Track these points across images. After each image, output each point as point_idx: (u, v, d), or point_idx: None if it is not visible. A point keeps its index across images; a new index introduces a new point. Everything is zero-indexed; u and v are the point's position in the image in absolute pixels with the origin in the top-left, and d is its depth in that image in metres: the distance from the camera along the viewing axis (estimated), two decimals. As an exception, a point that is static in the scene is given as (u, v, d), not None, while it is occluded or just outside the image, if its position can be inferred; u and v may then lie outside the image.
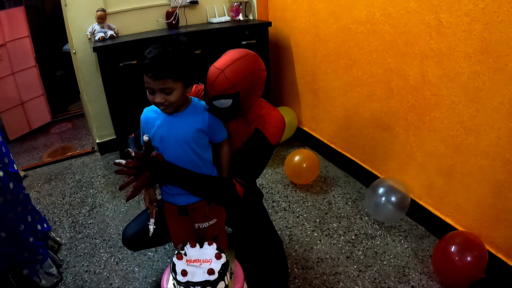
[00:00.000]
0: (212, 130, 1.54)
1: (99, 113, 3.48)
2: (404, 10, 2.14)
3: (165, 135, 1.49)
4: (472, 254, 1.81)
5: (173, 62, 1.37)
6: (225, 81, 1.49)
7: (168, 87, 1.38)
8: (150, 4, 3.28)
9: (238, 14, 3.50)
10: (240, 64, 1.51)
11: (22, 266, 2.02)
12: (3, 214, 1.91)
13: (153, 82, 1.37)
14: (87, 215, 2.72)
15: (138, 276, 2.13)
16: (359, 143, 2.83)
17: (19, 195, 2.01)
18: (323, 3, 2.80)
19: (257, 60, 1.57)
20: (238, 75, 1.49)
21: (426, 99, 2.15)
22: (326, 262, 2.15)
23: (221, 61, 1.53)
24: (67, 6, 3.04)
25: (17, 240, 1.97)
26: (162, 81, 1.37)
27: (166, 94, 1.40)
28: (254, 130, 1.62)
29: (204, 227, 1.66)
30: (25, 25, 4.25)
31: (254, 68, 1.53)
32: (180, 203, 1.62)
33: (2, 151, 2.00)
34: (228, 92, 1.49)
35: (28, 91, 4.38)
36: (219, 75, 1.49)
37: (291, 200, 2.72)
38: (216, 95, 1.51)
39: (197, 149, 1.52)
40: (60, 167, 3.49)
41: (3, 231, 1.91)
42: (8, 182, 1.92)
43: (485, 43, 1.76)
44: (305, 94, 3.36)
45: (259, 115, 1.63)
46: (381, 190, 2.34)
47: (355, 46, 2.58)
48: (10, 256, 1.97)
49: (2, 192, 1.89)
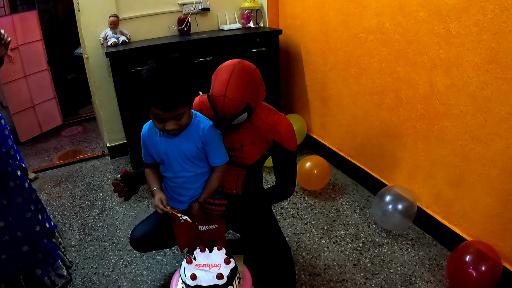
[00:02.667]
0: (208, 152, 1.58)
1: (110, 117, 3.53)
2: (413, 20, 2.16)
3: (169, 151, 1.54)
4: (487, 264, 1.82)
5: (183, 89, 1.36)
6: (232, 103, 1.51)
7: (180, 113, 1.39)
8: (162, 11, 3.32)
9: (249, 22, 3.53)
10: (235, 80, 1.52)
11: (34, 267, 2.05)
12: (22, 214, 1.95)
13: (165, 113, 1.36)
14: (96, 218, 2.75)
15: (146, 279, 2.15)
16: (367, 151, 2.84)
17: (32, 195, 2.05)
18: (333, 12, 2.83)
19: (245, 65, 1.57)
20: (240, 91, 1.51)
21: (434, 108, 2.16)
22: (333, 269, 2.16)
23: (216, 87, 1.52)
24: (81, 11, 3.09)
25: (32, 240, 2.01)
26: (174, 110, 1.37)
27: (178, 120, 1.40)
28: (273, 143, 1.69)
29: (203, 229, 1.68)
30: (38, 29, 4.32)
31: (248, 75, 1.55)
32: (181, 207, 1.65)
33: (15, 148, 2.06)
34: (240, 109, 1.53)
35: (40, 94, 4.44)
36: (224, 102, 1.51)
37: (299, 207, 2.73)
38: (232, 117, 1.54)
39: (199, 163, 1.59)
40: (71, 170, 3.53)
41: (20, 230, 1.95)
42: (24, 181, 1.97)
43: (494, 53, 1.77)
44: (314, 101, 3.38)
45: (271, 126, 1.68)
46: (388, 198, 2.35)
47: (365, 55, 2.60)
48: (24, 256, 2.00)
49: (20, 192, 1.93)
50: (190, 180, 1.60)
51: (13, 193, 1.89)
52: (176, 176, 1.60)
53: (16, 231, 1.93)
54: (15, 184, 1.90)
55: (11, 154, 1.99)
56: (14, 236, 1.93)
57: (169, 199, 1.65)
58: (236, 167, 1.75)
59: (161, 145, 1.55)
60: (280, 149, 1.70)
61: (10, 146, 2.00)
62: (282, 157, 1.73)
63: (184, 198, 1.64)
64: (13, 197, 1.90)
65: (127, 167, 3.46)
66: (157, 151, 1.57)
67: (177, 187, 1.63)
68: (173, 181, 1.62)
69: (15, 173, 1.90)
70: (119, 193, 1.74)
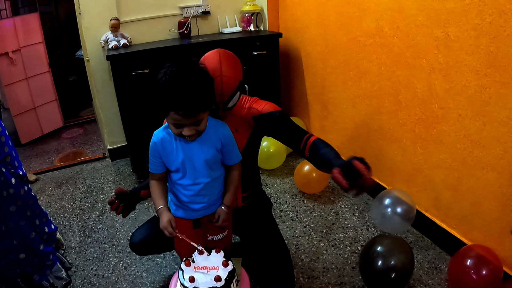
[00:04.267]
0: (226, 150, 1.56)
1: (111, 120, 3.54)
2: (412, 24, 2.17)
3: (186, 159, 1.49)
4: (488, 268, 1.82)
5: (204, 94, 1.33)
6: (230, 80, 1.57)
7: (200, 119, 1.36)
8: (163, 14, 3.34)
9: (249, 25, 3.55)
10: (225, 60, 1.59)
11: (32, 272, 2.05)
12: (16, 223, 1.95)
13: (184, 119, 1.33)
14: (97, 220, 2.76)
15: (146, 282, 2.16)
16: (367, 154, 2.83)
17: (29, 201, 2.05)
18: (333, 15, 2.84)
19: (224, 49, 1.66)
20: (232, 68, 1.59)
21: (433, 112, 2.17)
22: (332, 272, 2.17)
23: (210, 70, 1.50)
24: (82, 14, 3.11)
25: (28, 247, 2.01)
26: (195, 116, 1.33)
27: (196, 125, 1.37)
28: (253, 120, 1.74)
29: (219, 239, 1.67)
30: (40, 31, 4.35)
31: (232, 55, 1.64)
32: (195, 216, 1.61)
33: (13, 155, 2.03)
34: (235, 87, 1.59)
35: (41, 96, 4.46)
36: (222, 81, 1.55)
37: (298, 210, 2.74)
38: (229, 97, 1.59)
39: (217, 166, 1.56)
40: (71, 172, 3.55)
41: (16, 238, 1.95)
42: (19, 189, 1.97)
43: (492, 57, 1.78)
44: (314, 105, 3.39)
45: (247, 108, 1.74)
46: (387, 201, 2.35)
47: (364, 59, 2.61)
48: (22, 263, 2.00)
49: (14, 200, 1.93)
50: (207, 186, 1.54)
51: (6, 202, 1.89)
52: (194, 183, 1.52)
53: (12, 239, 1.94)
54: (8, 193, 1.89)
55: (6, 161, 1.98)
56: (9, 244, 1.93)
57: (179, 209, 1.60)
58: None
59: (178, 152, 1.48)
60: (265, 119, 1.71)
61: (6, 154, 1.96)
62: (274, 124, 1.71)
63: (198, 206, 1.57)
64: (7, 205, 1.90)
65: (127, 169, 3.47)
66: (173, 159, 1.50)
67: (194, 195, 1.55)
68: (189, 188, 1.54)
69: (8, 181, 1.89)
70: (116, 210, 1.75)
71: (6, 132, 2.02)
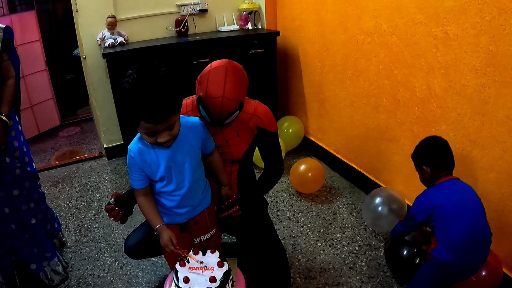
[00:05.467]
0: (205, 143, 1.57)
1: (108, 118, 3.52)
2: (411, 22, 2.15)
3: (171, 165, 1.46)
4: (487, 269, 1.80)
5: (171, 97, 1.28)
6: (230, 103, 1.51)
7: (172, 122, 1.32)
8: (160, 12, 3.32)
9: (247, 23, 3.53)
10: (231, 80, 1.51)
11: (29, 261, 2.04)
12: (17, 206, 1.96)
13: (156, 126, 1.28)
14: (92, 219, 2.74)
15: (141, 281, 2.14)
16: (364, 153, 2.83)
17: (33, 194, 2.09)
18: (331, 14, 2.82)
19: (236, 65, 1.58)
20: (236, 90, 1.52)
21: (432, 111, 2.15)
22: (329, 272, 2.15)
23: (213, 88, 1.50)
24: (78, 12, 3.09)
25: (28, 234, 2.02)
26: (167, 120, 1.29)
27: (170, 130, 1.33)
28: (256, 129, 1.72)
29: (206, 239, 1.66)
30: (37, 29, 4.31)
31: (240, 74, 1.56)
32: (181, 220, 1.60)
33: (23, 150, 2.06)
34: (235, 107, 1.54)
35: (38, 94, 4.43)
36: (222, 102, 1.50)
37: (295, 210, 2.73)
38: (227, 116, 1.55)
39: (199, 167, 1.56)
40: (68, 171, 3.52)
41: (13, 223, 1.96)
42: (23, 181, 2.01)
43: (492, 56, 1.77)
44: (312, 104, 3.37)
45: (251, 114, 1.70)
46: (378, 200, 2.34)
47: (362, 57, 2.60)
48: (18, 250, 2.01)
49: (19, 186, 1.97)
50: (192, 187, 1.53)
51: (10, 186, 1.95)
52: (178, 187, 1.50)
53: (9, 224, 1.95)
54: (13, 178, 1.95)
55: (15, 155, 1.99)
56: (4, 231, 1.96)
57: (164, 215, 1.57)
58: (227, 163, 1.75)
59: (160, 160, 1.45)
60: (264, 133, 1.74)
61: (15, 148, 1.99)
62: (267, 140, 1.78)
63: (184, 210, 1.56)
64: (10, 188, 1.95)
65: (124, 168, 3.45)
66: (156, 169, 1.46)
67: (180, 199, 1.53)
68: (175, 194, 1.52)
69: (11, 169, 1.94)
70: (115, 217, 1.62)
71: (18, 127, 2.03)
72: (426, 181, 1.85)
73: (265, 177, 1.86)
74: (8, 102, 1.93)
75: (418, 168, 1.87)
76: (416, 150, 1.87)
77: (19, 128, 2.06)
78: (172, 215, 1.58)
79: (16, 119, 2.05)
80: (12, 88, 1.96)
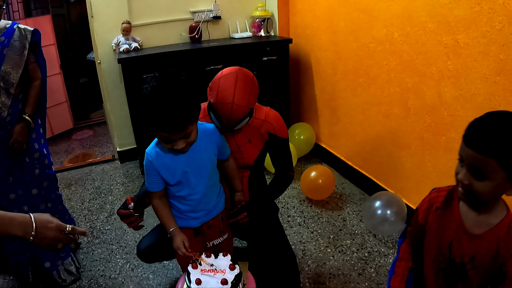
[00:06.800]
0: (221, 150, 1.59)
1: (121, 122, 3.57)
2: (422, 31, 2.17)
3: (188, 170, 1.48)
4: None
5: (189, 108, 1.30)
6: (240, 109, 1.53)
7: (188, 132, 1.34)
8: (174, 18, 3.37)
9: (260, 30, 3.56)
10: (241, 87, 1.53)
11: (44, 259, 2.08)
12: (35, 205, 2.01)
13: (173, 135, 1.31)
14: (105, 221, 2.77)
15: (152, 283, 2.17)
16: (375, 161, 2.84)
17: (51, 195, 2.14)
18: (343, 22, 2.84)
19: (246, 72, 1.59)
20: (246, 97, 1.54)
21: (442, 119, 2.16)
22: (338, 278, 2.16)
23: (223, 94, 1.52)
24: (94, 17, 3.15)
25: None
26: (183, 131, 1.31)
27: (186, 138, 1.35)
28: (268, 135, 1.73)
29: (219, 242, 1.68)
30: (52, 33, 4.38)
31: (251, 81, 1.58)
32: (195, 224, 1.62)
33: (44, 153, 2.12)
34: (245, 114, 1.56)
35: (52, 97, 4.46)
36: (232, 109, 1.52)
37: (306, 216, 2.74)
38: (236, 122, 1.57)
39: (214, 172, 1.58)
40: (81, 173, 3.57)
41: (26, 205, 2.01)
42: (42, 181, 2.07)
43: (501, 64, 1.78)
44: (323, 111, 3.39)
45: (262, 120, 1.72)
46: (378, 203, 2.37)
47: (374, 65, 2.62)
48: (34, 247, 2.04)
49: (38, 185, 2.03)
50: (208, 192, 1.56)
51: (31, 185, 2.02)
52: (194, 192, 1.53)
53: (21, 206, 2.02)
54: (32, 177, 2.02)
55: (35, 157, 2.05)
56: None
57: (178, 219, 1.59)
58: (238, 169, 1.77)
59: (177, 166, 1.47)
60: (275, 139, 1.75)
61: (35, 150, 2.06)
62: (278, 146, 1.79)
63: (199, 214, 1.59)
64: (31, 188, 2.02)
65: (136, 171, 3.49)
66: (173, 174, 1.48)
67: (195, 203, 1.56)
68: (190, 198, 1.54)
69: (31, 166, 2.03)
70: (133, 223, 1.60)
71: (40, 130, 2.09)
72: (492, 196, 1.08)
73: (275, 183, 1.88)
74: (33, 103, 2.00)
75: None
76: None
77: (40, 131, 2.11)
78: (187, 219, 1.60)
79: (38, 122, 2.09)
80: (38, 89, 2.03)
